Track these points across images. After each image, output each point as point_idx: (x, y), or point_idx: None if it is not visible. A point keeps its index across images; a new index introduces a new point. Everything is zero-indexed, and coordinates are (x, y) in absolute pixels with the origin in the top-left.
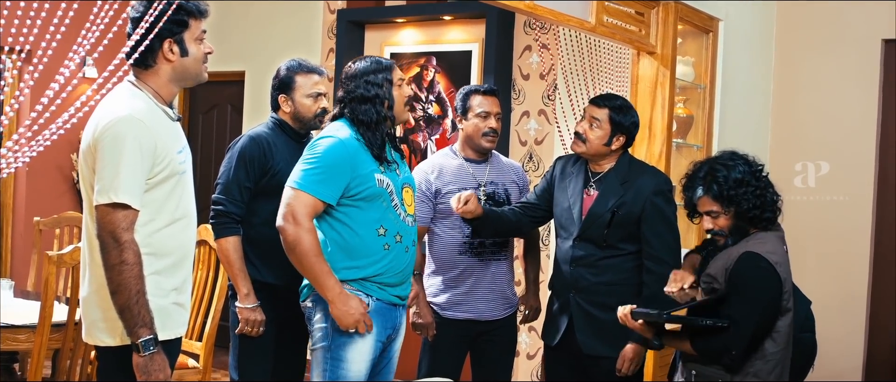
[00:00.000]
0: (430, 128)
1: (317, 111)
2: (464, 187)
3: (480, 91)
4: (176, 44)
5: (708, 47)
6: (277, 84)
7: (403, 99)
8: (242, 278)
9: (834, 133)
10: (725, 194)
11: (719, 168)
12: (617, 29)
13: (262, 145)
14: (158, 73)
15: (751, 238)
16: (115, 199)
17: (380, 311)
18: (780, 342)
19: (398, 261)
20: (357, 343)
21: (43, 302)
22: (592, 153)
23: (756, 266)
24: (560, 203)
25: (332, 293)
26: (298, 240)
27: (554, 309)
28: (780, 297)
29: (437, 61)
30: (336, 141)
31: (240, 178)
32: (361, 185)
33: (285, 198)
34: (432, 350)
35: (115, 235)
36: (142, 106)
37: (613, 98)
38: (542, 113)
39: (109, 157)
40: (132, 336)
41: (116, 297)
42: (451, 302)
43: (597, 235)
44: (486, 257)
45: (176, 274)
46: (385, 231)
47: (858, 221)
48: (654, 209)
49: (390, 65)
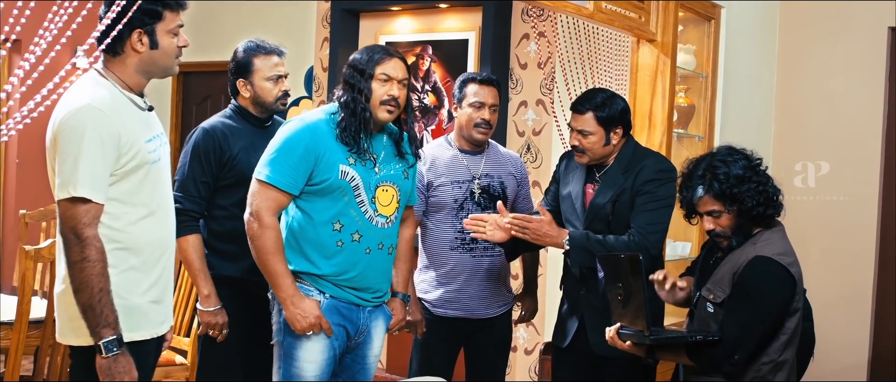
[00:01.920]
0: (425, 119)
1: (278, 94)
2: (457, 180)
3: (477, 79)
4: (146, 35)
5: (710, 35)
6: (234, 67)
7: (381, 96)
8: (203, 278)
9: (839, 124)
10: (727, 192)
11: (719, 164)
12: (616, 15)
13: (216, 137)
14: (125, 63)
15: (757, 239)
16: (75, 193)
17: (335, 309)
18: (787, 342)
19: (353, 263)
20: (308, 342)
21: (20, 298)
22: (598, 157)
23: (766, 271)
24: (566, 198)
25: (284, 293)
26: (258, 237)
27: (564, 310)
28: (792, 299)
29: (433, 50)
30: (301, 126)
31: (195, 174)
32: (322, 175)
33: (250, 190)
34: (423, 348)
35: (77, 231)
36: (105, 95)
37: (590, 97)
38: (541, 103)
39: (68, 150)
40: (94, 336)
41: (79, 296)
42: (442, 299)
43: (601, 228)
44: (479, 253)
45: (152, 270)
46: (341, 227)
47: (863, 217)
48: (646, 191)
49: (378, 59)
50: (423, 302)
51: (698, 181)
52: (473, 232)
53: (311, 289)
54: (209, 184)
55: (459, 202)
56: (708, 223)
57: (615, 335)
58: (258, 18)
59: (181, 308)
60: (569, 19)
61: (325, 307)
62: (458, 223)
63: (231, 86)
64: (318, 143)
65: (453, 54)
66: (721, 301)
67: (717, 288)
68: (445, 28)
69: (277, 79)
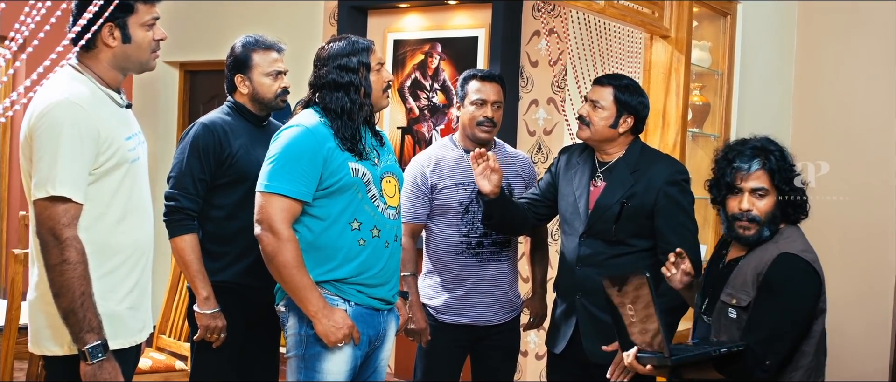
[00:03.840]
0: (434, 118)
1: (277, 91)
2: (462, 182)
3: (478, 76)
4: (118, 28)
5: (726, 31)
6: (232, 63)
7: (382, 84)
8: (201, 280)
9: (859, 122)
10: (782, 171)
11: (771, 146)
12: (628, 11)
13: (217, 133)
14: (99, 58)
15: (778, 238)
16: (54, 192)
17: (360, 317)
18: (814, 345)
19: (376, 259)
20: (334, 354)
21: (9, 304)
22: (598, 138)
23: (795, 268)
24: (565, 197)
25: (314, 307)
26: (277, 252)
27: (558, 314)
28: (819, 299)
29: (442, 48)
30: (301, 130)
31: (193, 170)
32: (334, 176)
33: (257, 205)
34: (427, 356)
35: (56, 232)
36: (82, 90)
37: (618, 77)
38: (552, 101)
39: (46, 146)
40: (78, 342)
41: (59, 300)
42: (447, 305)
43: (605, 230)
44: (485, 258)
45: (130, 275)
46: (359, 224)
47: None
48: (669, 199)
49: (367, 47)
50: (427, 308)
51: (752, 154)
52: (473, 162)
53: (336, 299)
54: (206, 182)
55: (465, 205)
56: (746, 202)
57: (634, 360)
58: (265, 16)
59: (178, 311)
60: (580, 15)
61: (351, 316)
62: (464, 227)
63: (228, 82)
64: (323, 145)
65: (463, 52)
66: (746, 304)
67: (739, 291)
68: (454, 25)
69: (277, 75)
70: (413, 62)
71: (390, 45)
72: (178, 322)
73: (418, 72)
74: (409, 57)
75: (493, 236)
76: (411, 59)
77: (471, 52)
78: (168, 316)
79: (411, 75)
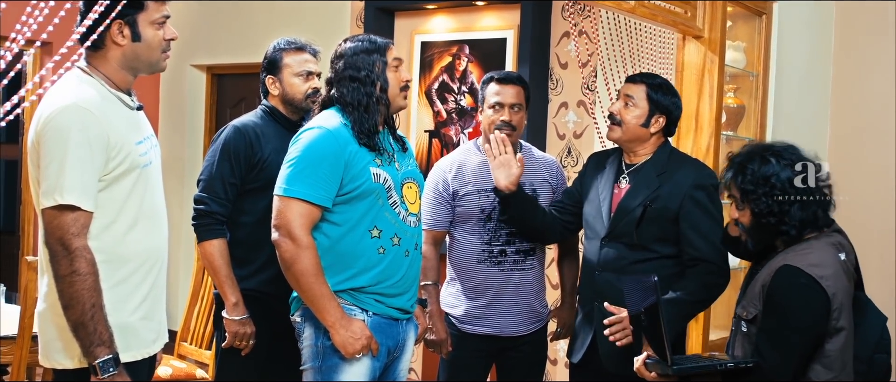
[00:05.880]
0: (462, 121)
1: (307, 91)
2: (484, 188)
3: (495, 78)
4: (127, 26)
5: (761, 31)
6: (265, 65)
7: (399, 83)
8: (230, 286)
9: None
10: (743, 187)
11: (757, 157)
12: (659, 10)
13: (248, 136)
14: (108, 58)
15: (795, 248)
16: (62, 201)
17: (378, 327)
18: (833, 368)
19: (396, 268)
20: (352, 366)
21: (22, 312)
22: (629, 137)
23: (793, 283)
24: (590, 200)
25: (332, 317)
26: (296, 259)
27: (578, 321)
28: (826, 318)
29: (470, 50)
30: (322, 132)
31: (224, 174)
32: (355, 181)
33: (275, 209)
34: (449, 367)
35: (65, 242)
36: (91, 93)
37: (652, 76)
38: (582, 104)
39: (53, 153)
40: (88, 356)
41: (69, 312)
42: (470, 315)
43: (627, 234)
44: (508, 267)
45: (143, 284)
46: (379, 232)
47: None
48: (695, 204)
49: (385, 46)
50: (449, 317)
51: (735, 164)
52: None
53: (354, 309)
54: (236, 186)
55: (487, 212)
56: (733, 209)
57: (642, 366)
58: (292, 18)
59: (203, 319)
60: (610, 16)
61: (369, 326)
62: (486, 234)
63: (262, 85)
64: (345, 148)
65: (491, 53)
66: (753, 317)
67: (749, 304)
68: (483, 26)
69: (307, 76)
70: (441, 64)
71: (417, 46)
72: (199, 330)
73: (446, 75)
74: (437, 59)
75: (517, 244)
76: (439, 61)
77: (499, 53)
78: (189, 323)
79: (439, 78)
